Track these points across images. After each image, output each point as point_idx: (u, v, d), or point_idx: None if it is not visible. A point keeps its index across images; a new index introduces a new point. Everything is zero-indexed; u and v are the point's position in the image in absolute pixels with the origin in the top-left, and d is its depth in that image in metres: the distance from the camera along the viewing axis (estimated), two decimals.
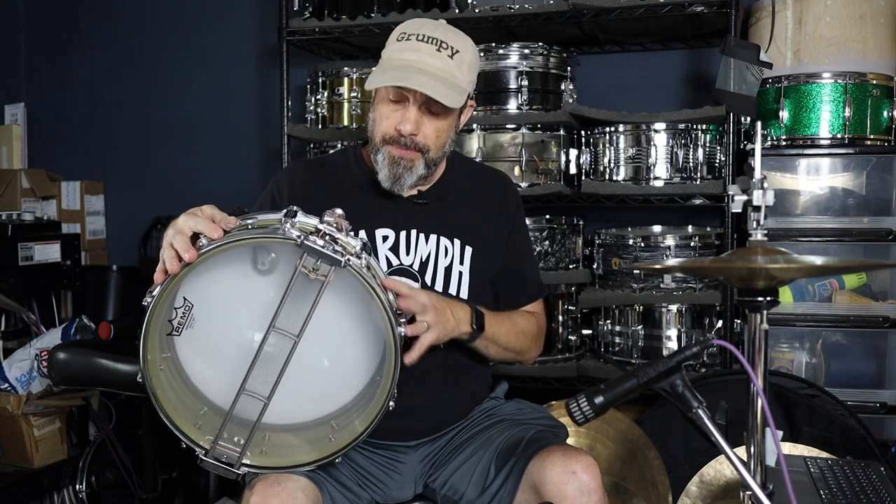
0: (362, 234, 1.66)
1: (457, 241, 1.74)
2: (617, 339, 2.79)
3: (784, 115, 2.60)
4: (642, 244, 2.70)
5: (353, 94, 2.93)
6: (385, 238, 1.70)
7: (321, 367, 1.48)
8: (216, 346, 1.46)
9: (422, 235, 1.71)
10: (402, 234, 1.71)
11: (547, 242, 2.79)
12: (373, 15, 2.86)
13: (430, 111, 1.63)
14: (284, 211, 1.38)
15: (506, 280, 1.82)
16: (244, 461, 1.43)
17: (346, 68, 2.94)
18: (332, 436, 1.46)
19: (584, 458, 1.52)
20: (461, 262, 1.73)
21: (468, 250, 1.74)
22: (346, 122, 2.94)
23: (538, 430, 1.67)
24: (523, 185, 2.73)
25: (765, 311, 1.29)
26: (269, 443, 1.47)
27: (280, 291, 1.38)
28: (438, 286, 1.71)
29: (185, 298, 1.42)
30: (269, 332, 1.38)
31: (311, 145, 3.02)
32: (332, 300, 1.42)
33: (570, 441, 2.40)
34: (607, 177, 2.72)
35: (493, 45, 2.76)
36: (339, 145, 2.88)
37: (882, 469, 1.80)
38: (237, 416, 1.41)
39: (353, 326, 1.46)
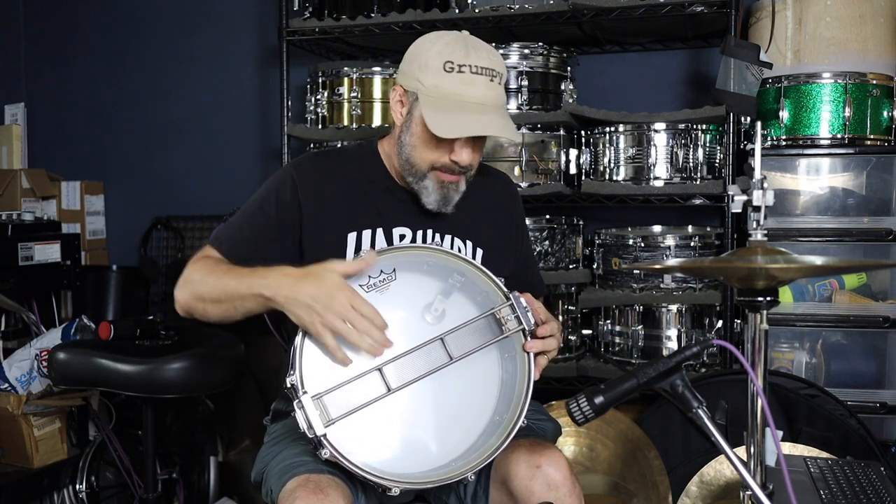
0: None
1: (469, 243, 1.74)
2: (617, 339, 2.79)
3: (784, 115, 2.60)
4: (642, 244, 2.70)
5: (353, 94, 2.93)
6: (402, 237, 1.69)
7: (451, 403, 1.48)
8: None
9: (437, 235, 1.72)
10: (419, 233, 1.70)
11: (547, 242, 2.79)
12: (373, 15, 2.86)
13: (478, 138, 1.62)
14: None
15: (512, 282, 1.83)
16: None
17: (346, 68, 2.94)
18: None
19: (549, 452, 1.51)
20: None
21: (479, 252, 1.74)
22: (346, 122, 2.94)
23: None
24: (523, 185, 2.73)
25: (765, 311, 1.29)
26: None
27: (446, 321, 1.47)
28: None
29: (395, 270, 1.48)
30: (435, 340, 1.44)
31: (311, 145, 3.02)
32: (492, 351, 1.49)
33: (569, 441, 2.41)
34: (607, 177, 2.72)
35: (493, 45, 2.74)
36: (339, 145, 2.88)
37: (882, 469, 1.80)
38: (340, 394, 1.40)
39: (490, 369, 1.51)
